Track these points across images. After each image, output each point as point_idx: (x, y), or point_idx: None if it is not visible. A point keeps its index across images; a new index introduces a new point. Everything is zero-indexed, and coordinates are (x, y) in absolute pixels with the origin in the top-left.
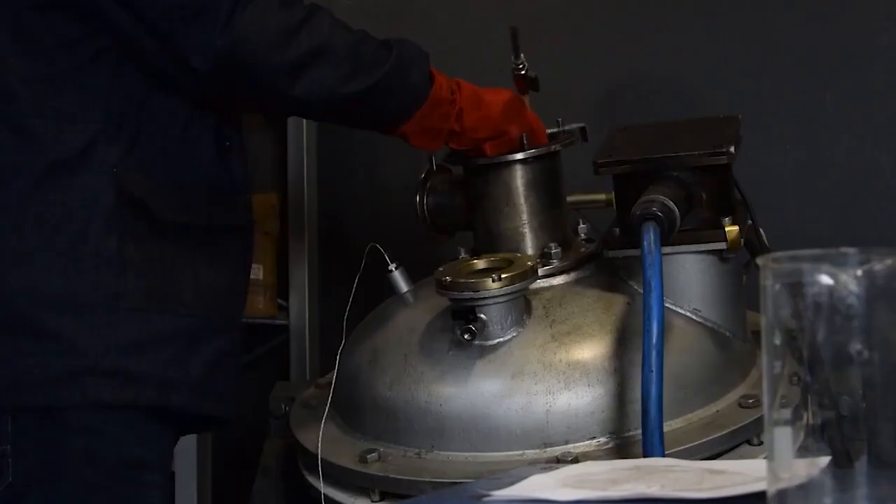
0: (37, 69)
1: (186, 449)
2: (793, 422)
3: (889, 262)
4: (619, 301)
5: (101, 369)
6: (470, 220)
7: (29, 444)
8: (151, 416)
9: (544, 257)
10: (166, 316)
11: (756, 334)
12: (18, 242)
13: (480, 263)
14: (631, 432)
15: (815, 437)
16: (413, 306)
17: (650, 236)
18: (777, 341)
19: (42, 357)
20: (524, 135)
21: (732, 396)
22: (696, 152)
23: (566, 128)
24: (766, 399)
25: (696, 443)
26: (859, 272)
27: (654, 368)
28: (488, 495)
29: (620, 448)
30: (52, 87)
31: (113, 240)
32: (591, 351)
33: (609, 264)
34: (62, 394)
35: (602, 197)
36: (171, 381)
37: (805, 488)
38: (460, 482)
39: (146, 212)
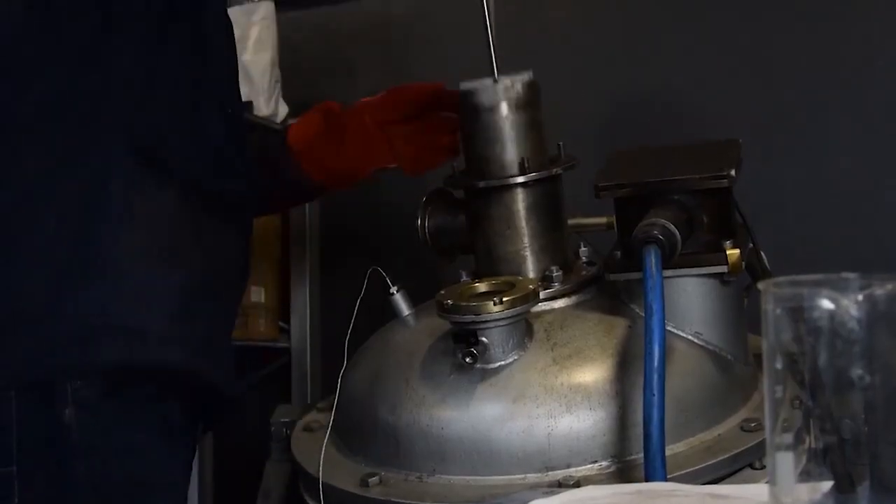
0: (58, 50)
1: None
2: (795, 446)
3: (890, 286)
4: (620, 324)
5: (105, 327)
6: (471, 243)
7: (33, 465)
8: (160, 429)
9: (545, 280)
10: (166, 272)
11: (757, 358)
12: (27, 221)
13: (482, 286)
14: (633, 456)
15: (817, 462)
16: (414, 329)
17: (651, 259)
18: (778, 365)
19: (46, 326)
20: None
21: (734, 420)
22: (697, 176)
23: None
24: (767, 423)
25: (697, 467)
26: (860, 297)
27: (655, 392)
28: None
29: (622, 472)
30: (75, 70)
31: (121, 196)
32: (593, 374)
33: (610, 287)
34: (64, 359)
35: (603, 220)
36: (173, 338)
37: None
38: None
39: (155, 167)
